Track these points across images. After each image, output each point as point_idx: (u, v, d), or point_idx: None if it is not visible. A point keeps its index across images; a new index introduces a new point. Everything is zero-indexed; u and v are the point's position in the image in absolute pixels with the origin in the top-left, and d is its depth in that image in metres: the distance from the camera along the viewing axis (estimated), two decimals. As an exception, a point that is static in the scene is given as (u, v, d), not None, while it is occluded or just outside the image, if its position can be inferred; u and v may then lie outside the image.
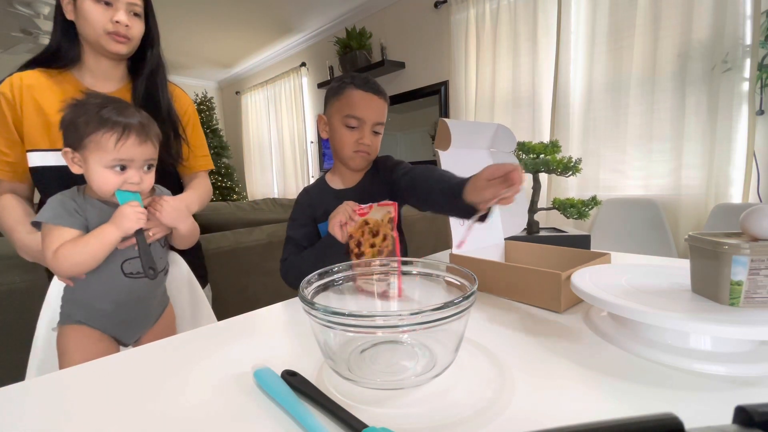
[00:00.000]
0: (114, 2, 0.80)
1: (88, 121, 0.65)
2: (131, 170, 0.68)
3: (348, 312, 0.38)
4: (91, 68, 0.86)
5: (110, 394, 0.42)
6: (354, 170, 0.90)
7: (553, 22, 2.21)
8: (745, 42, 1.62)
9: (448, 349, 0.43)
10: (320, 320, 0.39)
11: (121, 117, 0.66)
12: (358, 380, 0.42)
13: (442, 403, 0.38)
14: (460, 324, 0.41)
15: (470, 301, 0.40)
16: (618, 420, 0.16)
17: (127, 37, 0.82)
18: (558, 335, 0.53)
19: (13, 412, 0.39)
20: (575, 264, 0.67)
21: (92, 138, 0.65)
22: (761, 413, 0.17)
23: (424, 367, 0.44)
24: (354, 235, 0.75)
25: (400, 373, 0.44)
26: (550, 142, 1.00)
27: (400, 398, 0.40)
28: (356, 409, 0.36)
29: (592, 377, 0.42)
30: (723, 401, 0.37)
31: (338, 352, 0.45)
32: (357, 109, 0.83)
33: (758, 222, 0.46)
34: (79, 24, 0.81)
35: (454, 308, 0.38)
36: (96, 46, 0.82)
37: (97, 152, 0.66)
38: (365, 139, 0.84)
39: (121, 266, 0.70)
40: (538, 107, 2.34)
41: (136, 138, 0.67)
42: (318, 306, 0.39)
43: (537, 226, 1.00)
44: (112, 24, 0.79)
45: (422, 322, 0.37)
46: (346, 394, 0.40)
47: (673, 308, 0.45)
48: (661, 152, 1.89)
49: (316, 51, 4.02)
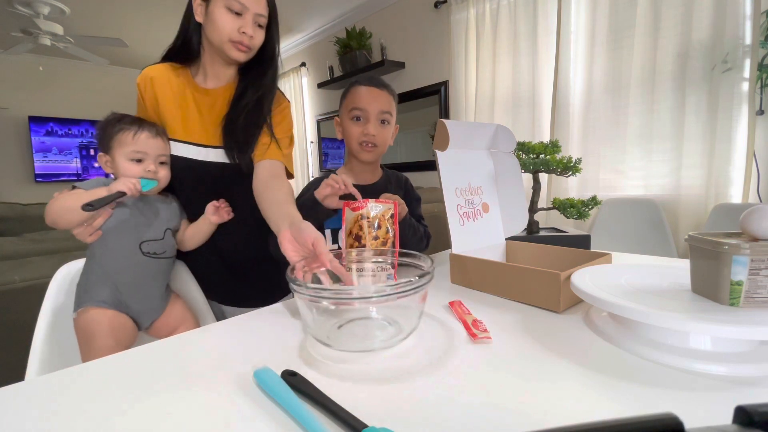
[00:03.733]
0: (244, 13, 0.82)
1: (111, 128, 0.82)
2: (147, 161, 0.82)
3: (326, 287, 0.51)
4: (205, 67, 0.91)
5: (110, 394, 0.42)
6: (363, 163, 0.95)
7: (553, 21, 2.21)
8: (745, 42, 1.62)
9: (411, 320, 0.53)
10: (304, 295, 0.49)
11: (135, 124, 0.82)
12: (335, 346, 0.51)
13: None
14: (416, 298, 0.51)
15: (425, 279, 0.50)
16: (618, 420, 0.16)
17: (249, 47, 0.85)
18: (558, 335, 0.53)
19: (13, 412, 0.39)
20: (575, 264, 0.67)
21: (115, 138, 0.81)
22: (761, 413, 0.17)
23: (391, 335, 0.54)
24: (352, 231, 0.77)
25: (370, 339, 0.55)
26: (550, 142, 1.00)
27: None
28: (356, 409, 0.36)
29: (592, 377, 0.42)
30: (723, 401, 0.37)
31: (320, 326, 0.54)
32: (360, 102, 0.90)
33: (758, 222, 0.46)
34: (207, 27, 0.85)
35: (407, 284, 0.48)
36: (218, 50, 0.86)
37: (119, 148, 0.80)
38: (370, 129, 0.90)
39: (139, 246, 0.81)
40: (538, 107, 2.34)
41: (148, 133, 0.82)
42: (300, 283, 0.49)
43: (537, 226, 1.00)
44: (238, 33, 0.83)
45: (384, 294, 0.47)
46: (346, 394, 0.40)
47: (673, 308, 0.45)
48: (661, 152, 1.89)
49: (316, 51, 4.02)
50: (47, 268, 1.16)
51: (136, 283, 0.81)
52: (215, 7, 0.82)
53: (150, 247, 0.82)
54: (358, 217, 0.76)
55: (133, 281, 0.81)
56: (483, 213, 0.87)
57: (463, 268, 0.77)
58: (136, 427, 0.36)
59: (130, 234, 0.81)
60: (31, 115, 4.44)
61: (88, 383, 0.45)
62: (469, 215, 0.84)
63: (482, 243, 0.85)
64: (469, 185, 0.85)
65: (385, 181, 1.00)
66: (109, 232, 0.79)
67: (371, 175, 0.98)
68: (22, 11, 3.04)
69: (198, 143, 0.90)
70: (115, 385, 0.44)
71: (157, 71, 0.90)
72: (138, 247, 0.81)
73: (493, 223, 0.90)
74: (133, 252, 0.81)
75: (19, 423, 0.38)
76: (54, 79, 4.59)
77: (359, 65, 3.25)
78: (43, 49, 3.64)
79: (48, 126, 4.56)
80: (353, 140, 0.91)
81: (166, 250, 0.85)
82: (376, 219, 0.76)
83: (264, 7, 0.85)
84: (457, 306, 0.62)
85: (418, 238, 0.89)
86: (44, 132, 4.53)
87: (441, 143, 0.79)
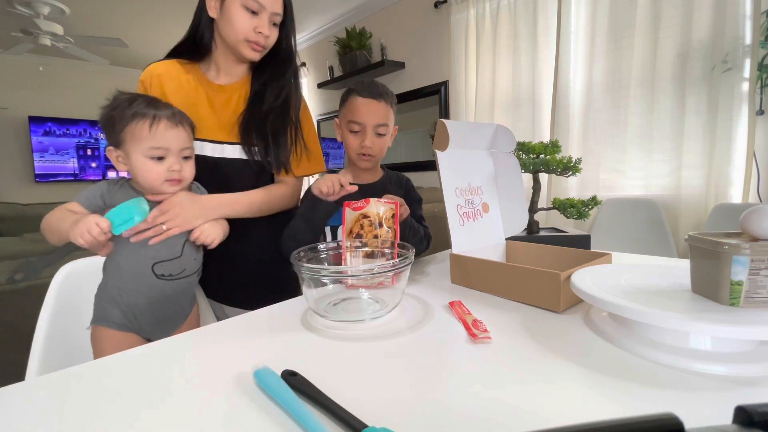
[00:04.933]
0: (261, 12, 0.81)
1: (121, 116, 0.69)
2: (170, 158, 0.71)
3: (323, 267, 0.61)
4: (218, 63, 0.90)
5: (110, 394, 0.42)
6: (362, 170, 0.97)
7: (553, 22, 2.21)
8: (745, 42, 1.62)
9: (395, 299, 0.64)
10: (305, 273, 0.59)
11: (150, 107, 0.70)
12: (329, 317, 0.61)
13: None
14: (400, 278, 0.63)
15: (405, 262, 0.60)
16: (618, 420, 0.16)
17: (264, 47, 0.85)
18: (558, 335, 0.53)
19: (13, 412, 0.39)
20: (575, 264, 0.67)
21: (127, 130, 0.68)
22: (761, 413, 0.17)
23: (378, 309, 0.64)
24: (353, 230, 0.77)
25: (360, 313, 0.65)
26: (550, 142, 1.00)
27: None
28: (356, 409, 0.36)
29: (591, 377, 0.42)
30: (723, 401, 0.37)
31: (318, 302, 0.64)
32: (357, 115, 0.90)
33: (758, 222, 0.46)
34: (222, 24, 0.83)
35: (390, 266, 0.58)
36: (232, 48, 0.85)
37: (134, 142, 0.69)
38: (367, 142, 0.91)
39: (152, 268, 0.72)
40: (538, 107, 2.34)
41: (168, 123, 0.70)
42: (303, 264, 0.59)
43: (537, 226, 1.00)
44: (254, 33, 0.82)
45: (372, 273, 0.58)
46: (346, 394, 0.40)
47: (673, 308, 0.45)
48: (661, 152, 1.89)
49: (316, 51, 4.02)
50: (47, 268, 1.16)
51: (151, 307, 0.73)
52: (232, 4, 0.80)
53: (164, 269, 0.72)
54: (359, 217, 0.77)
55: (147, 305, 0.72)
56: (483, 213, 0.87)
57: (463, 268, 0.77)
58: (135, 427, 0.36)
59: (141, 253, 0.70)
60: (30, 115, 4.44)
61: (88, 384, 0.45)
62: (469, 215, 0.84)
63: (482, 243, 0.85)
64: (469, 185, 0.85)
65: (386, 182, 1.00)
66: (118, 250, 0.70)
67: (371, 175, 0.99)
68: (22, 11, 3.04)
69: (213, 140, 0.88)
70: (115, 386, 0.44)
71: (164, 68, 0.88)
72: (150, 270, 0.71)
73: (493, 223, 0.90)
74: (144, 275, 0.71)
75: (19, 423, 0.38)
76: (54, 79, 4.59)
77: (359, 65, 3.25)
78: (43, 49, 3.63)
79: (46, 126, 4.56)
80: (351, 150, 0.94)
81: (185, 268, 0.74)
82: (377, 218, 0.77)
83: (280, 6, 0.84)
84: (457, 306, 0.62)
85: (418, 239, 0.90)
86: (42, 132, 4.53)
87: (441, 143, 0.79)
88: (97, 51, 3.97)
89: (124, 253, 0.71)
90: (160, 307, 0.74)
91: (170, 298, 0.75)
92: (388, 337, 0.54)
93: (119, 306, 0.72)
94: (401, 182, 1.02)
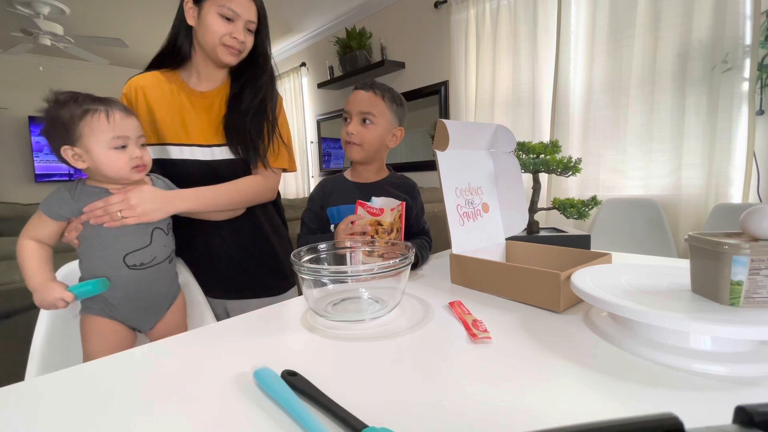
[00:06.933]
0: (235, 19, 0.86)
1: (70, 113, 0.67)
2: (131, 146, 0.72)
3: (323, 268, 0.60)
4: (198, 69, 0.94)
5: (110, 394, 0.42)
6: (360, 163, 1.00)
7: (553, 22, 2.21)
8: (745, 42, 1.62)
9: (394, 298, 0.64)
10: (306, 274, 0.59)
11: (98, 102, 0.70)
12: (330, 317, 0.61)
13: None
14: (399, 278, 0.63)
15: (405, 262, 0.60)
16: (618, 420, 0.16)
17: (240, 51, 0.89)
18: (558, 335, 0.53)
19: (13, 412, 0.39)
20: (575, 264, 0.67)
21: (83, 126, 0.67)
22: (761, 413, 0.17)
23: (377, 309, 0.64)
24: (366, 233, 0.84)
25: (360, 313, 0.65)
26: (550, 142, 1.00)
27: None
28: (356, 409, 0.36)
29: (591, 377, 0.42)
30: (723, 401, 0.37)
31: (318, 302, 0.65)
32: (347, 104, 0.97)
33: (758, 222, 0.46)
34: (199, 31, 0.88)
35: (388, 267, 0.58)
36: (210, 53, 0.89)
37: (94, 135, 0.68)
38: (349, 128, 0.96)
39: (123, 259, 0.73)
40: (538, 107, 2.34)
41: (122, 113, 0.71)
42: (305, 264, 0.60)
43: (537, 226, 0.99)
44: (230, 38, 0.86)
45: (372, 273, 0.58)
46: (346, 394, 0.40)
47: (673, 308, 0.45)
48: (661, 152, 1.89)
49: (316, 51, 4.02)
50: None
51: (128, 298, 0.74)
52: (208, 12, 0.85)
53: (135, 258, 0.73)
54: (373, 222, 0.84)
55: (123, 296, 0.74)
56: (483, 213, 0.87)
57: (463, 268, 0.77)
58: (135, 427, 0.36)
59: (110, 246, 0.71)
60: (30, 115, 4.44)
61: (88, 383, 0.45)
62: (469, 215, 0.84)
63: (482, 243, 0.85)
64: (469, 185, 0.85)
65: (386, 184, 1.00)
66: (87, 244, 0.72)
67: (374, 174, 1.00)
68: (22, 11, 3.04)
69: (202, 144, 0.93)
70: (115, 386, 0.44)
71: (147, 80, 0.92)
72: (122, 261, 0.72)
73: (493, 223, 0.90)
74: (116, 266, 0.72)
75: (19, 423, 0.38)
76: (54, 79, 4.59)
77: (359, 65, 3.25)
78: (43, 49, 3.64)
79: (44, 125, 4.56)
80: (342, 141, 0.98)
81: (156, 256, 0.76)
82: (390, 226, 0.85)
83: (254, 14, 0.89)
84: (457, 306, 0.62)
85: (426, 252, 0.96)
86: (39, 132, 4.53)
87: (441, 143, 0.79)
88: (97, 51, 3.97)
89: (91, 247, 0.72)
90: (137, 297, 0.76)
91: (146, 287, 0.77)
92: (388, 337, 0.54)
93: (98, 299, 0.74)
94: (407, 187, 1.02)
